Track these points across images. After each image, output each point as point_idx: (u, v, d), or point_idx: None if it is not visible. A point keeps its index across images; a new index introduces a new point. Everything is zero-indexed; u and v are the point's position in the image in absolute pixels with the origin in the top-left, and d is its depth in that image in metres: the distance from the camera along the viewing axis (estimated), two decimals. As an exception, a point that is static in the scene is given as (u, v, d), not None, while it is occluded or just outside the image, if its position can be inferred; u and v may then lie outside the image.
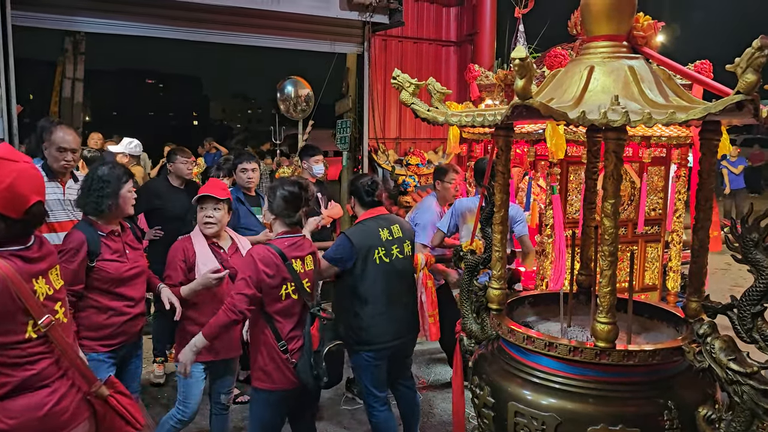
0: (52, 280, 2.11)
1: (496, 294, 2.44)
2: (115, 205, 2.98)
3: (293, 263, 2.90)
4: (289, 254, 2.91)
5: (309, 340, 2.88)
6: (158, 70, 39.42)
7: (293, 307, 2.93)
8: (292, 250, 2.95)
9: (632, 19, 2.21)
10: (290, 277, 2.89)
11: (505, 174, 2.37)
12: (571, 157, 4.04)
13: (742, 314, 1.87)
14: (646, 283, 4.65)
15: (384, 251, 3.34)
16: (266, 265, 2.82)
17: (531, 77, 1.68)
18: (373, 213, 3.44)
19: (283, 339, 2.91)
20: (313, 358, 2.85)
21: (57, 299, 2.12)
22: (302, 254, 2.99)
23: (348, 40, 6.70)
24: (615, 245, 1.96)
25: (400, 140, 7.57)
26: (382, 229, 3.37)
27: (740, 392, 1.81)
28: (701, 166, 2.24)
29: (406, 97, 2.27)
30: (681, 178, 4.56)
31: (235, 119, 48.63)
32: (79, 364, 2.14)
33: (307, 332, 2.89)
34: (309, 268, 3.01)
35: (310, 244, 3.11)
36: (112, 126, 18.83)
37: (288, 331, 2.92)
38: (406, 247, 3.48)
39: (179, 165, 4.70)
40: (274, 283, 2.84)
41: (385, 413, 3.49)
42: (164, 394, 4.62)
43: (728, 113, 1.57)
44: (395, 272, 3.40)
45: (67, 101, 9.47)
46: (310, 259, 3.04)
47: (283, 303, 2.89)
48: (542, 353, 2.11)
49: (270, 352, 2.91)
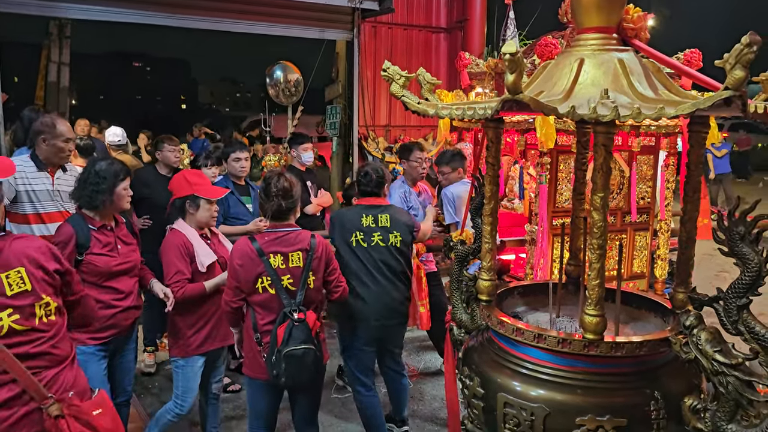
0: (6, 284, 2.01)
1: (485, 285, 2.45)
2: (109, 201, 3.00)
3: (270, 258, 2.88)
4: (267, 249, 2.90)
5: (274, 338, 2.86)
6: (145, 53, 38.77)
7: (272, 302, 2.91)
8: (274, 245, 2.92)
9: (622, 11, 2.20)
10: (265, 272, 2.87)
11: (495, 166, 2.37)
12: (561, 147, 4.05)
13: (728, 307, 1.90)
14: (635, 271, 4.69)
15: (362, 236, 3.52)
16: (239, 258, 2.88)
17: (521, 72, 1.68)
18: (365, 201, 3.61)
19: (258, 331, 2.94)
20: (275, 357, 2.83)
21: (9, 306, 2.01)
22: (286, 250, 2.93)
23: (338, 27, 6.66)
24: (604, 238, 1.97)
25: (390, 128, 7.55)
26: (365, 216, 3.55)
27: (725, 383, 1.84)
28: (689, 158, 2.26)
29: (396, 90, 2.26)
30: (670, 167, 4.59)
31: (223, 103, 48.13)
32: (25, 378, 2.03)
33: (273, 330, 2.87)
34: (294, 265, 2.93)
35: (304, 240, 3.00)
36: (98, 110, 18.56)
37: (264, 323, 2.93)
38: (392, 237, 3.57)
39: (167, 153, 4.68)
40: (247, 276, 2.87)
41: (369, 398, 3.62)
42: (155, 384, 4.62)
43: (716, 108, 1.58)
44: (372, 258, 3.54)
45: (53, 86, 9.36)
46: (298, 257, 2.95)
47: (261, 296, 2.90)
48: (531, 345, 2.13)
49: (249, 342, 3.00)
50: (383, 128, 7.47)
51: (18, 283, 2.03)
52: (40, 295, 2.10)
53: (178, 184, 3.37)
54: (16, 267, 2.05)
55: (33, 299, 2.08)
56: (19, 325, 2.03)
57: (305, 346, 2.85)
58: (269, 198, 2.95)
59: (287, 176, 3.02)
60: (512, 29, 6.41)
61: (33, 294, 2.07)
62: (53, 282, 2.17)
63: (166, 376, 4.62)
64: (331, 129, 7.41)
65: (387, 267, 3.58)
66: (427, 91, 2.46)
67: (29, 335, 2.07)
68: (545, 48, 3.83)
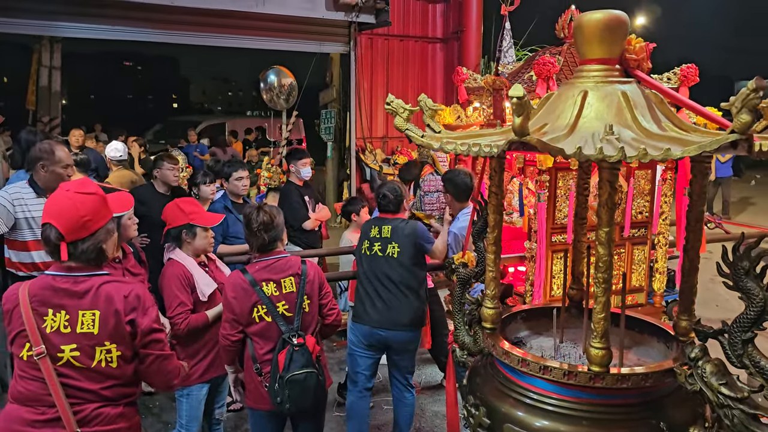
0: (79, 322, 2.11)
1: (489, 313, 2.45)
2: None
3: (263, 286, 2.90)
4: (260, 278, 2.91)
5: (275, 365, 2.87)
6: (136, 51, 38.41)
7: (269, 330, 2.91)
8: (265, 272, 2.93)
9: (624, 42, 2.21)
10: (260, 300, 2.88)
11: (498, 195, 2.38)
12: (560, 164, 4.07)
13: (733, 340, 1.91)
14: (633, 285, 4.71)
15: (368, 244, 3.84)
16: (233, 290, 2.90)
17: (528, 115, 1.68)
18: (380, 215, 3.98)
19: (258, 362, 2.94)
20: (278, 384, 2.84)
21: (75, 342, 2.11)
22: (277, 277, 2.94)
23: (334, 40, 6.67)
24: (609, 272, 1.98)
25: (387, 139, 7.57)
26: (374, 227, 3.86)
27: (731, 416, 1.85)
28: (692, 188, 2.26)
29: (400, 123, 2.26)
30: (667, 181, 4.62)
31: (216, 102, 47.89)
32: (62, 407, 2.10)
33: (274, 357, 2.88)
34: (287, 291, 2.94)
35: (294, 266, 3.01)
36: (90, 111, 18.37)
37: (263, 353, 2.93)
38: (390, 248, 3.77)
39: (166, 172, 4.67)
40: (242, 308, 2.88)
41: (355, 399, 3.83)
42: (156, 403, 4.60)
43: (723, 150, 1.59)
44: (372, 266, 3.81)
45: (45, 90, 9.36)
46: (291, 282, 2.96)
47: (258, 325, 2.91)
48: (536, 376, 2.14)
49: (249, 372, 3.00)
50: (380, 140, 7.48)
51: (88, 324, 2.13)
52: (104, 342, 2.15)
53: (172, 213, 3.32)
54: (94, 309, 2.14)
55: (95, 342, 2.14)
56: (77, 362, 2.13)
57: (307, 370, 2.86)
58: (252, 233, 2.97)
59: (266, 209, 3.02)
60: (508, 40, 6.45)
61: (97, 338, 2.14)
62: (123, 332, 2.18)
63: (167, 395, 4.60)
64: (326, 133, 7.41)
65: (387, 277, 3.76)
66: (429, 117, 2.46)
67: (84, 373, 2.14)
68: (543, 67, 3.86)
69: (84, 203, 2.13)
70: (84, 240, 2.14)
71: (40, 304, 2.10)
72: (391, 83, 7.50)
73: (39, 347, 2.07)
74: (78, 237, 2.12)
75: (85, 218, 2.12)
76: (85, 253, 2.14)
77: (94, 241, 2.16)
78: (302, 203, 5.26)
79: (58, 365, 2.11)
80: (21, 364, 2.12)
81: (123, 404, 2.23)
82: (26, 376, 2.12)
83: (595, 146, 1.73)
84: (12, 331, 2.12)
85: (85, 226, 2.13)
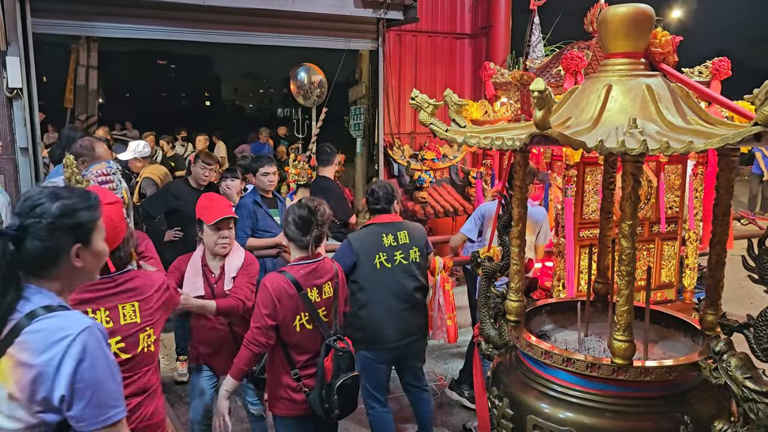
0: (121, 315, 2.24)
1: (514, 306, 2.47)
2: None
3: (308, 292, 2.79)
4: (305, 283, 2.80)
5: (322, 372, 2.78)
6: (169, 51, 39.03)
7: (309, 338, 2.83)
8: (309, 278, 2.82)
9: (650, 36, 2.21)
10: (304, 308, 2.78)
11: (523, 189, 2.40)
12: (588, 158, 4.04)
13: (759, 334, 1.90)
14: (663, 281, 4.66)
15: (386, 256, 3.45)
16: (278, 295, 2.74)
17: (550, 108, 1.70)
18: (380, 219, 3.55)
19: (296, 367, 2.84)
20: (325, 391, 2.76)
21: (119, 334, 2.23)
22: (320, 282, 2.85)
23: (362, 37, 6.70)
24: (633, 265, 1.99)
25: (415, 134, 7.57)
26: (386, 235, 3.48)
27: (756, 410, 1.84)
28: (718, 181, 2.25)
29: (424, 118, 2.30)
30: (698, 176, 4.56)
31: (247, 99, 48.22)
32: None
33: (320, 363, 2.79)
34: (327, 296, 2.88)
35: (331, 268, 2.96)
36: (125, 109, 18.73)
37: (304, 360, 2.85)
38: (412, 253, 3.56)
39: (197, 170, 4.78)
40: (286, 314, 2.76)
41: (382, 414, 3.60)
42: (187, 392, 4.71)
43: (746, 142, 1.59)
44: (397, 278, 3.50)
45: (82, 89, 9.60)
46: (329, 286, 2.90)
47: (298, 334, 2.80)
48: (560, 368, 2.16)
49: (281, 379, 2.87)
50: (408, 135, 7.50)
51: (130, 315, 2.25)
52: (145, 327, 2.30)
53: (197, 206, 3.35)
54: (131, 301, 2.27)
55: (138, 330, 2.28)
56: (123, 353, 2.22)
57: (353, 373, 2.84)
58: (312, 226, 2.82)
59: (325, 204, 2.94)
60: (537, 35, 6.39)
61: (140, 325, 2.28)
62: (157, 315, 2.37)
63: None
64: (355, 130, 7.46)
65: (403, 289, 3.54)
66: (454, 112, 2.49)
67: (129, 363, 2.24)
68: (571, 62, 3.84)
69: (114, 214, 2.20)
70: (119, 248, 2.27)
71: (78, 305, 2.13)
72: (419, 79, 7.51)
73: None
74: (115, 246, 2.23)
75: (117, 228, 2.22)
76: (122, 259, 2.30)
77: (125, 247, 2.31)
78: (345, 197, 5.34)
79: None
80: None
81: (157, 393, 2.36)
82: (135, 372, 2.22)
83: (617, 139, 1.75)
84: None
85: (119, 235, 2.25)
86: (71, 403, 1.52)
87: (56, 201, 1.59)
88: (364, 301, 3.46)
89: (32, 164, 4.90)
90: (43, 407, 1.52)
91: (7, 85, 4.71)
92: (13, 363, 1.51)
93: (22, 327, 1.52)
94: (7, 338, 1.52)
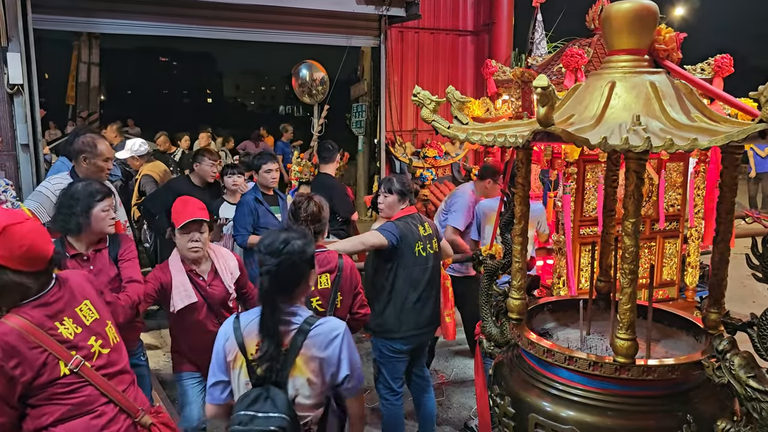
0: (82, 317, 2.17)
1: (516, 304, 2.46)
2: (85, 224, 2.83)
3: None
4: None
5: None
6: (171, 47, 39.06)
7: None
8: None
9: (654, 32, 2.19)
10: None
11: (525, 186, 2.38)
12: (588, 156, 4.03)
13: (762, 333, 1.89)
14: (665, 279, 4.64)
15: (422, 245, 3.53)
16: None
17: (553, 105, 1.69)
18: (408, 211, 3.62)
19: None
20: None
21: (93, 333, 2.18)
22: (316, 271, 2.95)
23: (364, 33, 6.70)
24: (636, 263, 1.98)
25: (417, 132, 7.57)
26: (420, 225, 3.57)
27: (759, 409, 1.83)
28: (722, 179, 2.24)
29: (426, 115, 2.28)
30: (700, 174, 4.54)
31: (248, 96, 48.18)
32: (116, 396, 2.19)
33: None
34: (323, 287, 2.92)
35: (332, 262, 2.99)
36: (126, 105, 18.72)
37: None
38: (434, 243, 3.64)
39: (205, 167, 4.77)
40: None
41: (396, 407, 3.63)
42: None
43: (750, 140, 1.58)
44: (428, 267, 3.57)
45: (83, 85, 9.61)
46: (326, 278, 2.94)
47: None
48: (562, 366, 2.15)
49: None
50: (410, 133, 7.49)
51: (88, 313, 2.21)
52: (106, 321, 2.28)
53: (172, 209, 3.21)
54: (86, 299, 2.23)
55: (104, 325, 2.26)
56: (103, 349, 2.21)
57: None
58: (298, 223, 2.91)
59: (316, 200, 2.99)
60: (540, 32, 6.38)
61: (102, 320, 2.26)
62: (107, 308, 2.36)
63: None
64: (357, 127, 7.46)
65: (434, 275, 3.63)
66: (456, 109, 2.47)
67: (110, 356, 2.23)
68: (571, 59, 3.82)
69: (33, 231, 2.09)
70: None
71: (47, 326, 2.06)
72: (421, 76, 7.50)
73: (74, 360, 2.09)
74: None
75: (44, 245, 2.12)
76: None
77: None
78: (347, 194, 5.34)
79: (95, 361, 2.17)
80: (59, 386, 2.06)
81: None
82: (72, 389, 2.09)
83: (621, 137, 1.74)
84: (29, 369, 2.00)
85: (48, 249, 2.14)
86: (350, 379, 2.15)
87: (298, 239, 2.14)
88: (401, 288, 3.49)
89: (33, 160, 4.90)
90: (329, 385, 2.16)
91: (8, 82, 4.71)
92: (306, 358, 2.10)
93: (306, 332, 2.11)
94: (295, 342, 2.10)
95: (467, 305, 4.63)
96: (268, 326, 2.08)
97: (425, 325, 3.62)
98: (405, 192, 3.60)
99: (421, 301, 3.55)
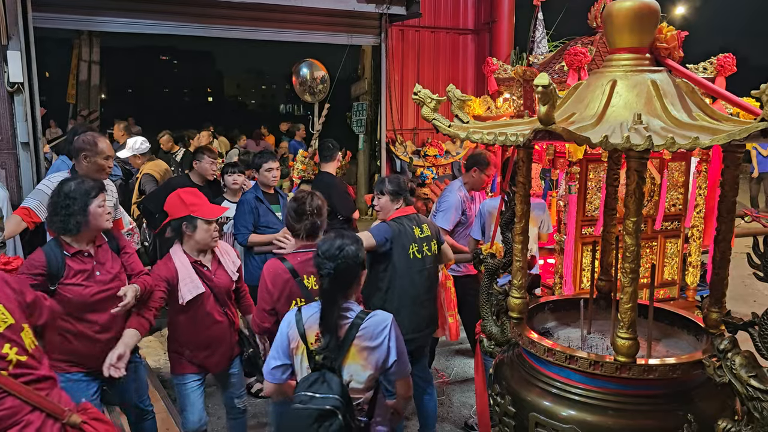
0: None
1: (516, 303, 2.46)
2: (84, 223, 2.79)
3: (305, 279, 2.87)
4: (302, 270, 2.88)
5: None
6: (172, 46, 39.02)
7: None
8: (306, 265, 2.87)
9: (655, 31, 2.19)
10: (299, 294, 2.85)
11: (526, 185, 2.38)
12: (591, 155, 4.02)
13: (763, 332, 1.89)
14: (666, 279, 4.64)
15: (417, 247, 3.49)
16: (273, 282, 2.86)
17: (554, 103, 1.68)
18: (406, 211, 3.58)
19: None
20: None
21: (7, 341, 2.04)
22: None
23: (365, 32, 6.70)
24: (636, 262, 1.97)
25: (417, 131, 7.56)
26: (416, 227, 3.53)
27: (760, 408, 1.82)
28: (723, 178, 2.24)
29: (427, 113, 2.28)
30: (702, 173, 4.53)
31: (249, 95, 48.17)
32: (40, 402, 2.08)
33: None
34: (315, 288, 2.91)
35: None
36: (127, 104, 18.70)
37: None
38: (433, 245, 3.60)
39: (205, 165, 4.77)
40: (281, 299, 2.85)
41: None
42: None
43: (753, 138, 1.57)
44: (425, 269, 3.55)
45: (84, 84, 9.61)
46: None
47: None
48: (563, 365, 2.14)
49: None
50: (410, 131, 7.49)
51: (2, 318, 2.06)
52: (22, 325, 2.13)
53: (173, 205, 3.18)
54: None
55: (19, 330, 2.11)
56: (20, 356, 2.07)
57: None
58: (303, 216, 2.93)
59: (318, 195, 3.02)
60: (541, 30, 6.37)
61: (17, 325, 2.11)
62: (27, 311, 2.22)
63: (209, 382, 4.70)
64: (357, 126, 7.45)
65: (431, 276, 3.60)
66: (457, 107, 2.47)
67: (28, 363, 2.11)
68: (574, 57, 3.81)
69: None
70: None
71: None
72: (422, 75, 7.49)
73: None
74: None
75: None
76: None
77: None
78: (348, 192, 5.33)
79: (12, 369, 2.04)
80: None
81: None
82: None
83: (622, 135, 1.73)
84: None
85: None
86: (398, 363, 2.41)
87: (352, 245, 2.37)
88: (394, 291, 3.47)
89: (33, 159, 4.90)
90: (380, 370, 2.40)
91: (8, 80, 4.71)
92: (358, 348, 2.34)
93: (358, 325, 2.35)
94: (349, 335, 2.34)
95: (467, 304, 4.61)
96: (327, 321, 2.32)
97: (422, 327, 3.59)
98: (398, 192, 3.57)
99: (418, 304, 3.52)
